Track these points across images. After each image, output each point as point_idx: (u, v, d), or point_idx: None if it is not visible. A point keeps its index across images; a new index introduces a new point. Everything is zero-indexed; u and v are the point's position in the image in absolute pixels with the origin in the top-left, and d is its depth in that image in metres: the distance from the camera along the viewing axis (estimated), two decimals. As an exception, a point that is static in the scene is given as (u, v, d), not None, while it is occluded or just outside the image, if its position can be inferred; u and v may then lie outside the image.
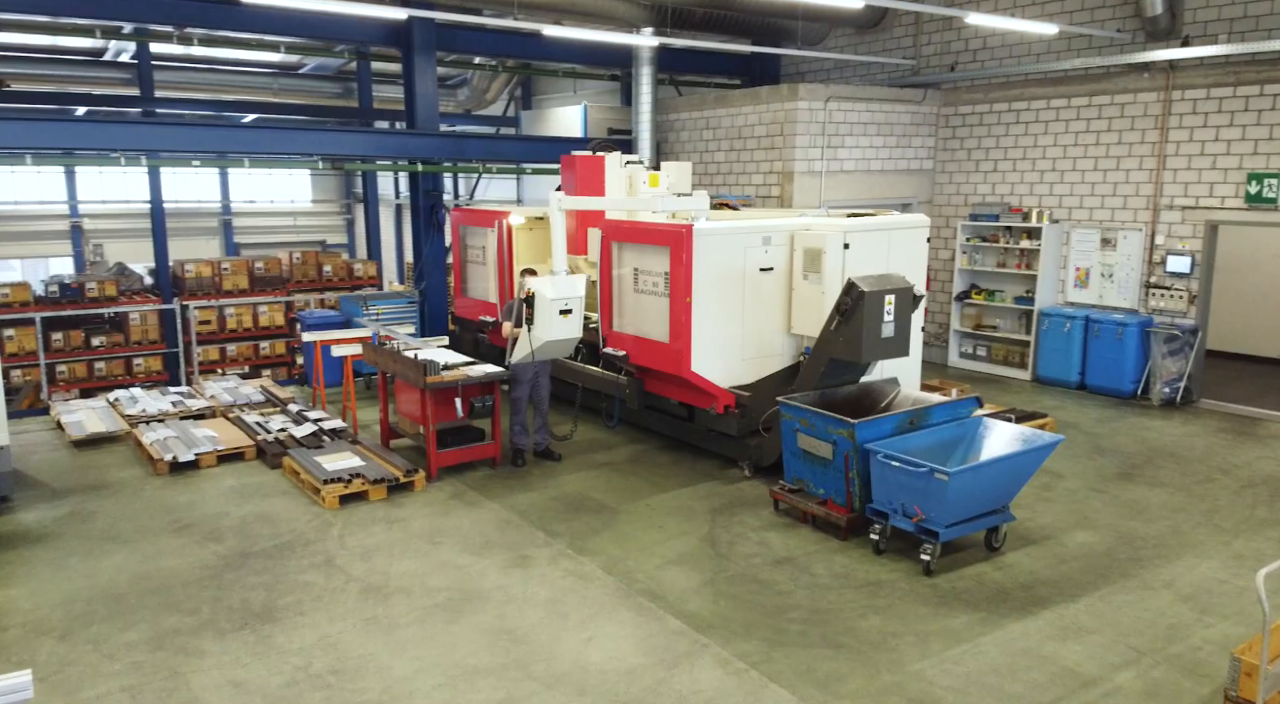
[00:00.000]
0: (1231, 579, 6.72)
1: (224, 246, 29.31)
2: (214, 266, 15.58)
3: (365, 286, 16.56)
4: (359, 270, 17.08)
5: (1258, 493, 8.53)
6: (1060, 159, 12.97)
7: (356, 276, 16.84)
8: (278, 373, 15.09)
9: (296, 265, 16.25)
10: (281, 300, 15.57)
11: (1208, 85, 11.36)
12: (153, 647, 5.72)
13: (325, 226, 32.53)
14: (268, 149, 12.11)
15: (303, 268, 16.28)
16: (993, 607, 6.28)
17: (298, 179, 31.08)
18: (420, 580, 6.64)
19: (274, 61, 21.34)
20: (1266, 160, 10.94)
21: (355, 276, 16.81)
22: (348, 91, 22.52)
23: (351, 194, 32.08)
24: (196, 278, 15.28)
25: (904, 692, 5.25)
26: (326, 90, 22.64)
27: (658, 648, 5.71)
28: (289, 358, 15.87)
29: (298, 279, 16.12)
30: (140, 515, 7.89)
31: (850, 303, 7.81)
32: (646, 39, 12.26)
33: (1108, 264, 12.64)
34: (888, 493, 7.00)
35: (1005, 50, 13.37)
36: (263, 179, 29.69)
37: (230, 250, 28.82)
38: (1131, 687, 5.31)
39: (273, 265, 16.06)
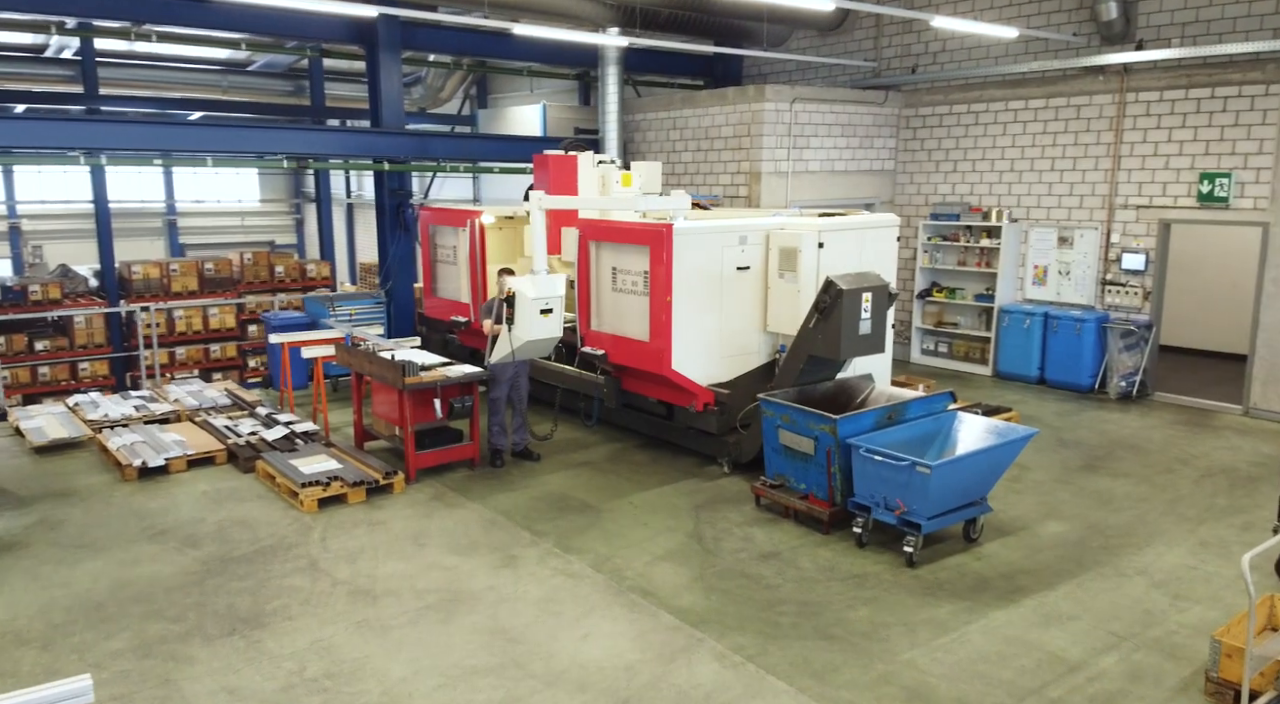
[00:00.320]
0: (1200, 565, 6.95)
1: (169, 247, 28.69)
2: (162, 268, 15.25)
3: (319, 287, 16.31)
4: (312, 271, 16.81)
5: (1216, 482, 8.83)
6: (1019, 160, 13.28)
7: (310, 277, 16.56)
8: (229, 376, 14.81)
9: (248, 266, 15.94)
10: (233, 302, 15.28)
11: (1161, 88, 11.71)
12: (140, 655, 5.61)
13: (274, 226, 32.02)
14: (227, 147, 11.88)
15: (254, 268, 15.98)
16: (975, 596, 6.43)
17: (245, 178, 30.56)
18: (408, 582, 6.59)
19: (222, 58, 20.96)
20: (1218, 160, 11.32)
21: (309, 277, 16.54)
22: (299, 89, 22.20)
23: (301, 193, 31.62)
24: (144, 279, 14.95)
25: (898, 681, 5.36)
26: (277, 88, 22.30)
27: (654, 643, 5.75)
28: (240, 361, 15.57)
29: (249, 280, 15.82)
30: (112, 522, 7.72)
31: (829, 301, 7.93)
32: (615, 39, 12.28)
33: (1065, 262, 12.97)
34: (869, 487, 7.13)
35: (964, 53, 13.65)
36: (209, 178, 29.14)
37: (175, 251, 28.23)
38: (1115, 670, 5.48)
39: (223, 266, 15.75)
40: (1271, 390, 11.13)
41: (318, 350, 10.18)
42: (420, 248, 12.18)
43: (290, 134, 12.88)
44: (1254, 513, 8.00)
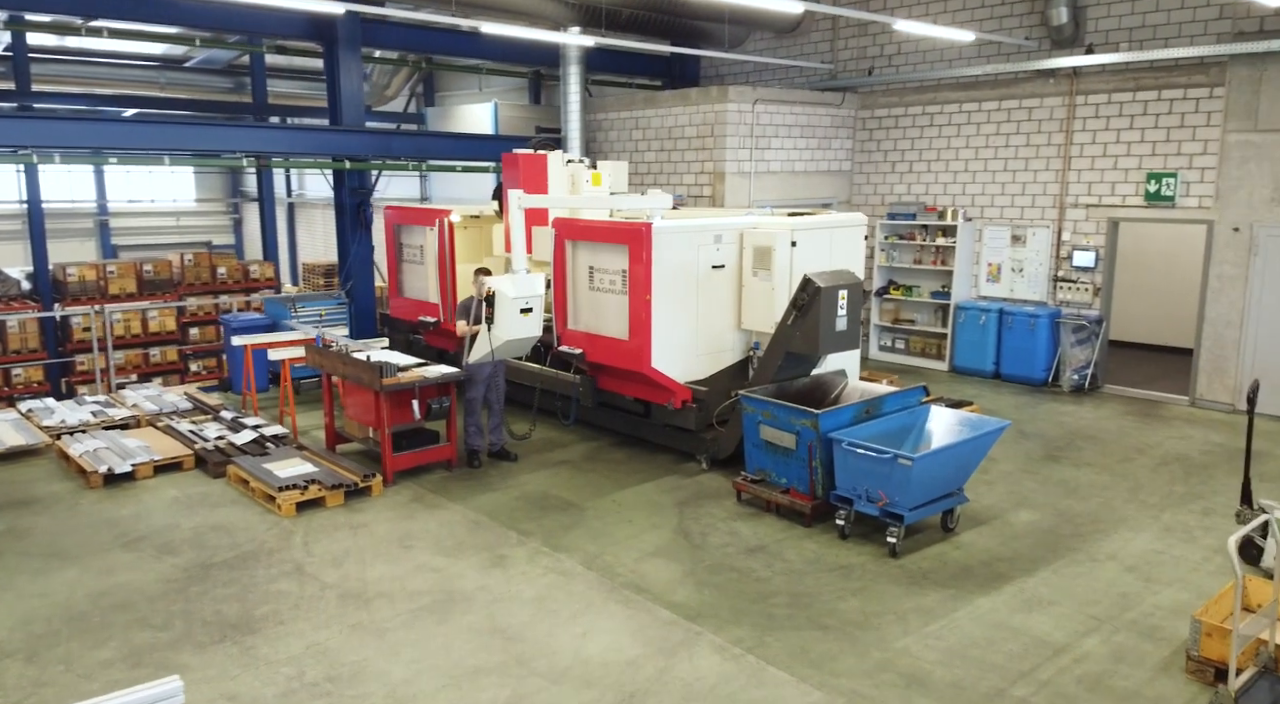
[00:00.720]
0: (1167, 550, 7.23)
1: (100, 249, 27.86)
2: (99, 270, 14.76)
3: (263, 289, 15.91)
4: (255, 272, 16.37)
5: (1173, 470, 9.18)
6: (972, 160, 13.61)
7: (253, 279, 16.11)
8: (169, 381, 14.39)
9: (188, 267, 15.46)
10: (174, 305, 14.83)
11: (1109, 91, 12.12)
12: (130, 664, 5.49)
13: (210, 227, 31.25)
14: (184, 145, 11.59)
15: (195, 270, 15.51)
16: (959, 584, 6.61)
17: (180, 177, 29.78)
18: (399, 584, 6.55)
19: (158, 53, 20.42)
20: (1164, 161, 11.75)
21: (251, 279, 16.08)
22: (239, 86, 21.76)
23: (239, 193, 30.96)
24: (80, 282, 14.46)
25: (895, 668, 5.49)
26: (216, 84, 21.84)
27: (653, 638, 5.80)
28: (181, 365, 15.13)
29: (190, 282, 15.35)
30: (82, 530, 7.51)
31: (807, 298, 8.06)
32: (578, 38, 12.27)
33: (1018, 259, 13.34)
34: (851, 479, 7.27)
35: (919, 56, 13.95)
36: (143, 177, 28.38)
37: (107, 253, 27.40)
38: (1098, 652, 5.68)
39: (162, 268, 15.28)
40: (1217, 382, 11.59)
41: (285, 352, 10.01)
42: (385, 248, 12.03)
43: (249, 132, 12.63)
44: (1211, 499, 8.34)
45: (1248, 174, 11.03)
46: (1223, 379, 11.54)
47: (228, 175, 30.52)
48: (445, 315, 10.88)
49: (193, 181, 30.26)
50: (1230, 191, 11.19)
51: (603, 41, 12.07)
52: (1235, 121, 11.05)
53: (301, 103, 22.92)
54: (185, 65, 20.80)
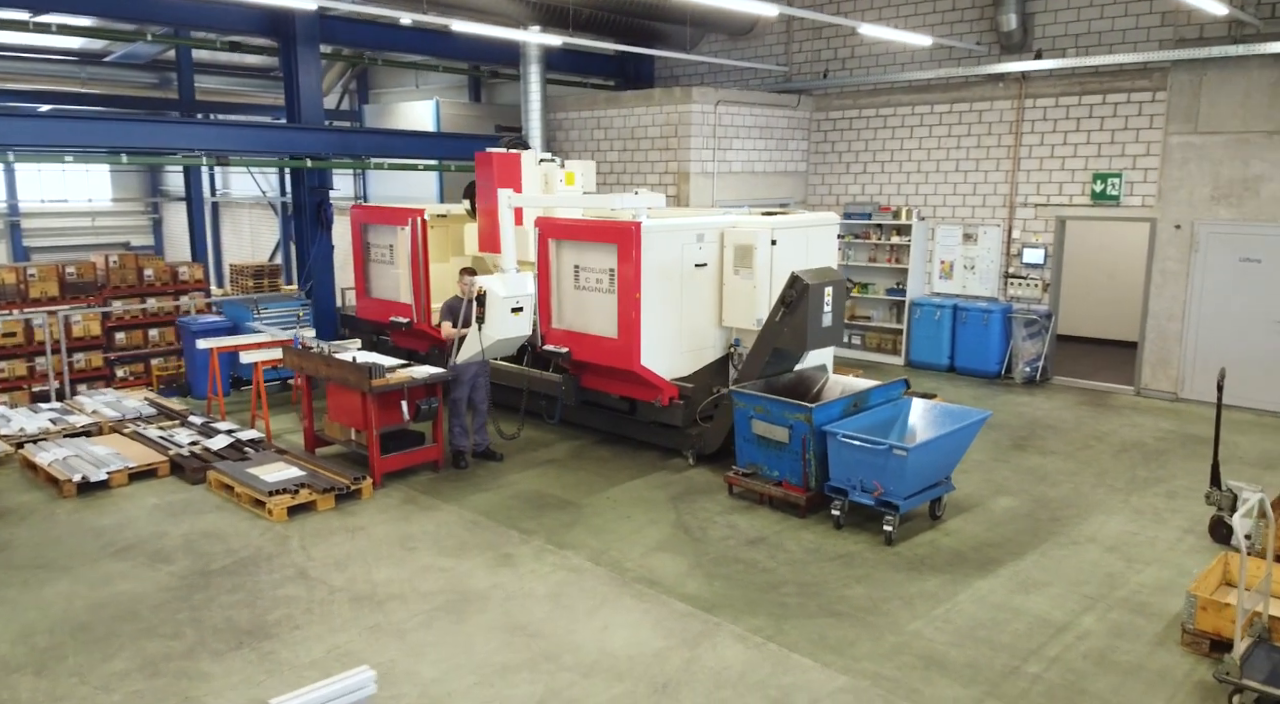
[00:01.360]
0: (1140, 531, 7.61)
1: (11, 251, 26.77)
2: (18, 272, 14.03)
3: (192, 291, 15.34)
4: (184, 274, 15.79)
5: (1132, 456, 9.63)
6: (925, 161, 14.03)
7: (182, 281, 15.51)
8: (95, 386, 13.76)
9: (114, 269, 14.76)
10: (99, 309, 14.21)
11: (1056, 94, 12.63)
12: (147, 674, 5.36)
13: (128, 227, 30.29)
14: (134, 142, 11.21)
15: (120, 272, 14.81)
16: (955, 569, 6.85)
17: (96, 176, 28.79)
18: (409, 586, 6.51)
19: (75, 48, 19.68)
20: (1109, 162, 12.30)
21: (180, 281, 15.48)
22: (164, 81, 21.15)
23: (159, 192, 30.03)
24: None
25: (911, 650, 5.68)
26: (140, 80, 21.22)
27: (674, 630, 5.89)
28: (108, 371, 14.50)
29: (115, 285, 14.72)
30: (65, 541, 7.27)
31: (795, 295, 8.24)
32: (543, 37, 12.25)
33: (970, 257, 13.80)
34: (846, 471, 7.47)
35: (872, 59, 14.31)
36: (55, 176, 27.36)
37: (19, 255, 26.32)
38: (1097, 628, 5.97)
39: (86, 270, 14.56)
40: (1160, 372, 12.17)
41: (260, 354, 9.81)
42: (351, 247, 11.85)
43: (205, 129, 12.32)
44: (1173, 482, 8.78)
45: (1188, 174, 11.62)
46: (1166, 370, 12.13)
47: (146, 174, 29.58)
48: (418, 316, 10.78)
49: (109, 181, 29.25)
50: (1172, 191, 11.77)
51: (570, 41, 12.10)
52: (1176, 124, 11.63)
53: (230, 99, 22.39)
54: (105, 60, 20.10)
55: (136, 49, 18.80)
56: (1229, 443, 9.99)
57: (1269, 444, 9.96)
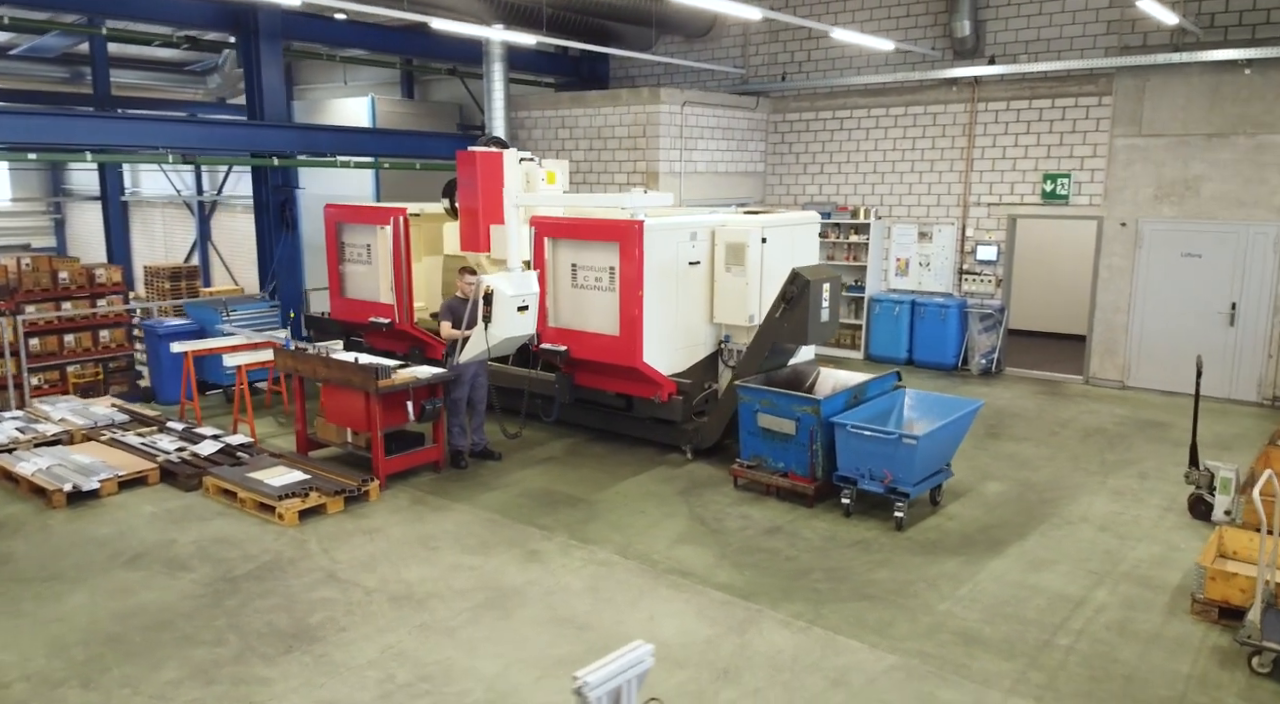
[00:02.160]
0: (1124, 511, 8.07)
1: (-101, 252, 25.37)
2: None
3: (108, 294, 14.68)
4: (101, 277, 15.14)
5: (1097, 441, 10.17)
6: (881, 162, 14.48)
7: (99, 283, 14.87)
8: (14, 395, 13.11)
9: (26, 272, 14.09)
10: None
11: (1008, 98, 13.21)
12: (202, 682, 5.25)
13: (28, 229, 28.91)
14: (105, 140, 10.85)
15: (34, 275, 14.12)
16: (967, 551, 7.17)
17: (-7, 175, 27.43)
18: (443, 584, 6.50)
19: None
20: (1058, 163, 12.93)
21: (97, 283, 14.84)
22: (76, 76, 20.32)
23: (61, 190, 28.74)
24: (-98, 289, 13.00)
25: (947, 629, 5.95)
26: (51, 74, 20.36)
27: (718, 618, 6.04)
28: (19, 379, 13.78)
29: (29, 288, 14.04)
30: (69, 552, 7.02)
31: (796, 291, 8.48)
32: (512, 35, 12.23)
33: (925, 254, 14.31)
34: (854, 460, 7.73)
35: (829, 63, 14.70)
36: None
37: (-94, 256, 24.94)
38: (1111, 601, 6.34)
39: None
40: (1107, 362, 12.85)
41: (242, 357, 9.59)
42: (326, 246, 11.64)
43: (164, 127, 11.87)
44: (1141, 465, 9.32)
45: (1133, 174, 12.30)
46: (1113, 359, 12.81)
47: (48, 172, 28.25)
48: (400, 316, 10.67)
49: (7, 179, 27.84)
50: (1117, 190, 12.44)
51: (543, 40, 12.10)
52: (1121, 127, 12.30)
53: (145, 95, 21.58)
54: (12, 53, 19.18)
55: (45, 42, 17.91)
56: (1184, 427, 10.62)
57: (1220, 427, 10.63)
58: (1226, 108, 11.54)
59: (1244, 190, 11.58)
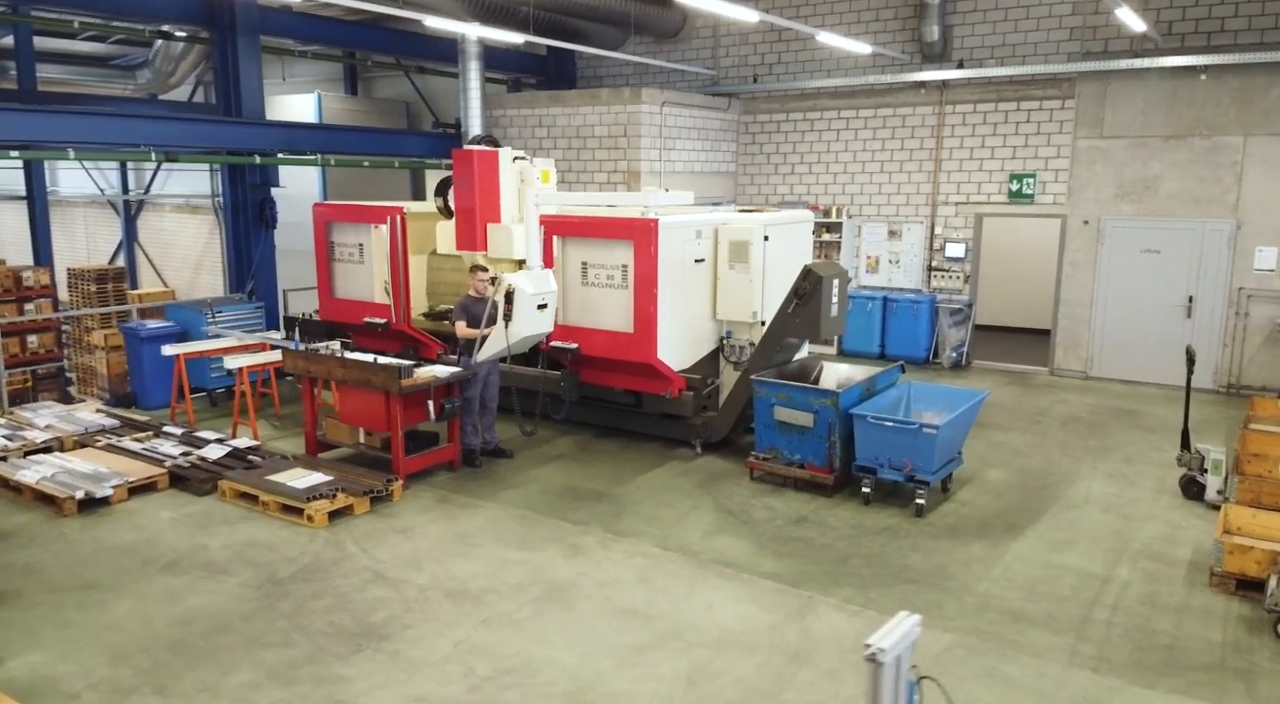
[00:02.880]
0: (1121, 493, 8.50)
1: None
2: None
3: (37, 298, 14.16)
4: (28, 279, 14.58)
5: (1077, 429, 10.66)
6: (851, 162, 14.87)
7: (26, 286, 14.33)
8: None
9: None
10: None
11: (975, 101, 13.71)
12: (281, 682, 5.20)
13: (-70, 230, 27.63)
14: (80, 137, 10.49)
15: None
16: (988, 534, 7.49)
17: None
18: (495, 579, 6.53)
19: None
20: (1023, 163, 13.47)
21: (25, 286, 14.29)
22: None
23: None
24: None
25: (992, 608, 6.22)
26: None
27: (774, 605, 6.21)
28: None
29: None
30: (96, 560, 6.83)
31: (809, 288, 8.71)
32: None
33: (895, 252, 14.75)
34: (874, 450, 8.00)
35: (799, 66, 15.03)
36: None
37: None
38: (1133, 577, 6.71)
39: None
40: (1071, 353, 13.45)
41: (244, 359, 9.41)
42: (315, 246, 11.46)
43: (138, 124, 11.52)
44: (1125, 449, 9.81)
45: (1095, 174, 12.90)
46: (1076, 351, 13.41)
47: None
48: (397, 316, 10.59)
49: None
50: (1080, 190, 13.03)
51: (529, 39, 12.10)
52: (1084, 129, 12.89)
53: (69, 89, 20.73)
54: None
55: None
56: (1154, 414, 11.23)
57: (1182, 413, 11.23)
58: (1183, 111, 12.19)
59: (1200, 189, 12.25)
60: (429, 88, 18.09)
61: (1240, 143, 11.92)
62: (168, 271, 23.90)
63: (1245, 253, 12.13)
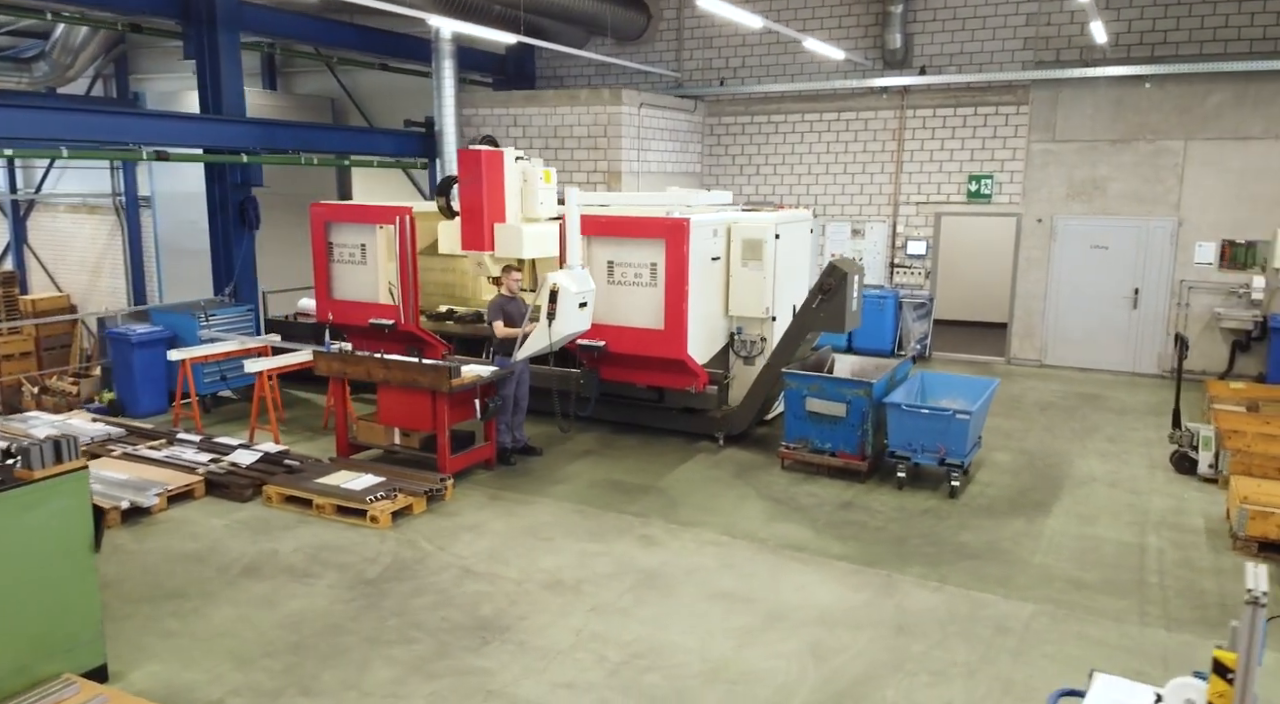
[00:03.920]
0: (1118, 469, 9.20)
1: None
2: None
3: None
4: None
5: (1055, 413, 11.41)
6: (815, 164, 15.42)
7: None
8: None
9: None
10: None
11: (934, 106, 14.43)
12: (422, 677, 5.24)
13: None
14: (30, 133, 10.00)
15: None
16: (1019, 512, 8.01)
17: None
18: (584, 571, 6.66)
19: None
20: (981, 165, 14.26)
21: None
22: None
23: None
24: None
25: (1055, 577, 6.70)
26: None
27: (859, 584, 6.55)
28: None
29: None
30: (167, 569, 6.65)
31: (834, 283, 9.11)
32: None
33: (858, 250, 15.35)
34: (907, 437, 8.45)
35: (763, 70, 15.49)
36: None
37: None
38: (1165, 545, 7.33)
39: None
40: (1027, 343, 14.31)
41: (263, 363, 9.21)
42: (313, 247, 11.23)
43: (113, 120, 11.08)
44: (1105, 430, 10.58)
45: (1047, 176, 13.77)
46: (1031, 341, 14.28)
47: None
48: (406, 316, 10.51)
49: None
50: (1034, 190, 13.89)
51: (507, 39, 12.09)
52: (1037, 133, 13.75)
53: None
54: None
55: None
56: (1116, 398, 12.10)
57: (1141, 396, 12.17)
58: (1129, 117, 13.15)
59: (1144, 189, 13.24)
60: (356, 84, 17.79)
61: (1181, 147, 12.94)
62: (62, 275, 22.74)
63: (1186, 247, 13.17)
